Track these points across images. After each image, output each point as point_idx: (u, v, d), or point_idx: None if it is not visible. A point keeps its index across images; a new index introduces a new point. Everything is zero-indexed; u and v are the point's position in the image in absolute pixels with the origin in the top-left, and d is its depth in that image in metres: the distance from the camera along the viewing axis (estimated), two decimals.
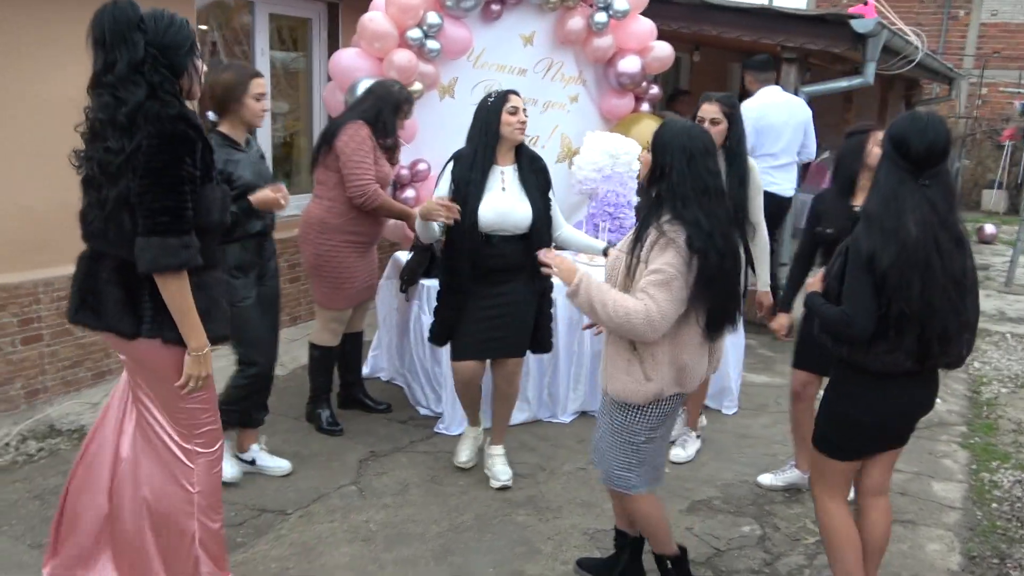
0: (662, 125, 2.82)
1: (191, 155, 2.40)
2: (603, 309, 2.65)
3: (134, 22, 2.37)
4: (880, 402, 2.72)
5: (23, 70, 4.24)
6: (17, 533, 3.36)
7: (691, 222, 2.63)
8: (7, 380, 4.34)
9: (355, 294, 4.31)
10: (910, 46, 7.45)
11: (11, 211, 4.30)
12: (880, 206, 2.57)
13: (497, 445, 4.01)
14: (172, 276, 2.42)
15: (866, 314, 2.56)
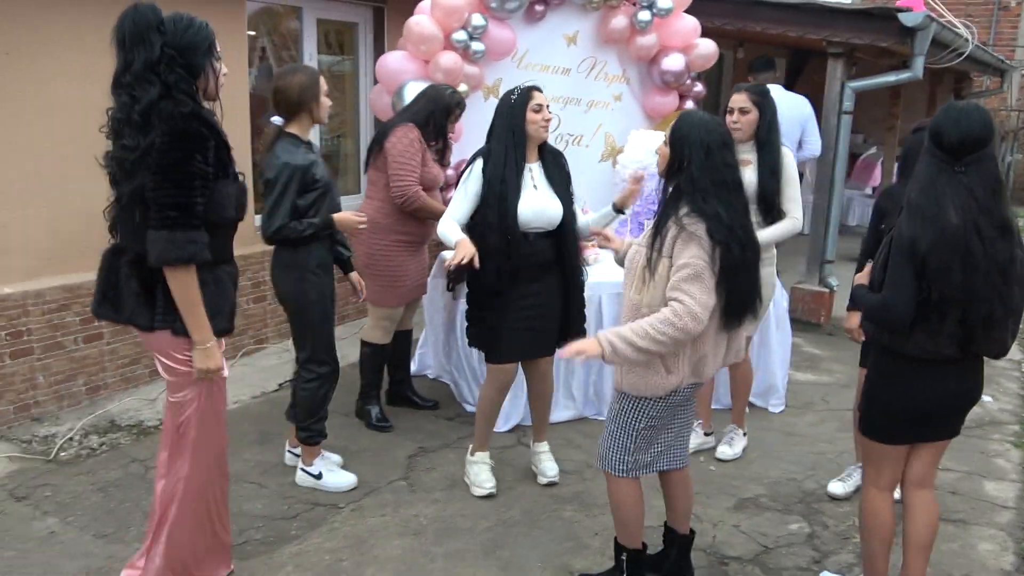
0: (680, 118, 2.83)
1: (202, 152, 2.48)
2: (648, 340, 2.61)
3: (153, 24, 2.48)
4: (920, 388, 2.74)
5: (91, 80, 4.39)
6: (82, 524, 3.48)
7: (711, 215, 2.65)
8: (70, 377, 4.51)
9: (406, 292, 4.39)
10: (959, 38, 7.32)
11: (75, 214, 4.45)
12: (919, 194, 2.61)
13: (542, 442, 4.03)
14: (179, 269, 2.52)
15: (905, 300, 2.59)
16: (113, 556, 3.25)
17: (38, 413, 4.39)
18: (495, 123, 3.67)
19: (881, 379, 2.83)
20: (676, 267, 2.65)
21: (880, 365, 2.83)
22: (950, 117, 2.62)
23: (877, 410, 2.84)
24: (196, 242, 2.51)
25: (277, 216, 3.46)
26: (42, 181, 4.30)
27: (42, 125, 4.26)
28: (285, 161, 3.45)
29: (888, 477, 2.92)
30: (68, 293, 4.42)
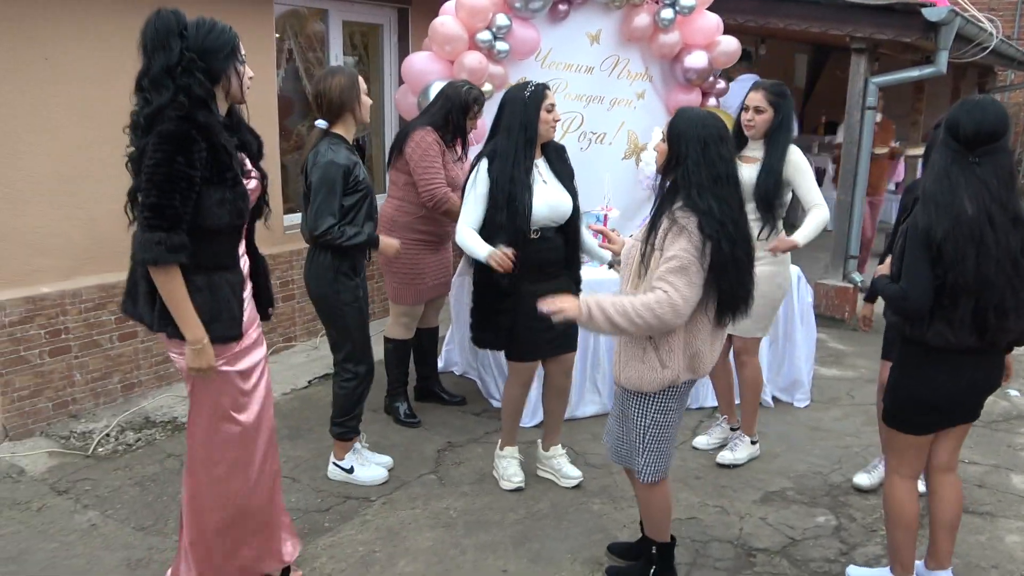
0: (677, 114, 2.86)
1: (186, 154, 2.45)
2: (625, 318, 2.65)
3: (175, 29, 2.50)
4: (942, 378, 2.78)
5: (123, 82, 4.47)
6: (122, 516, 3.57)
7: (704, 210, 2.67)
8: (106, 375, 4.61)
9: (426, 290, 4.44)
10: (984, 33, 7.28)
11: (110, 214, 4.54)
12: (934, 184, 2.68)
13: (557, 446, 4.00)
14: (157, 270, 2.51)
15: (922, 288, 2.65)
16: (153, 547, 3.34)
17: (76, 410, 4.49)
18: (504, 117, 3.60)
19: (905, 369, 2.87)
20: (664, 258, 2.69)
21: (903, 356, 2.88)
22: (965, 109, 2.69)
23: (902, 400, 2.88)
24: (163, 243, 2.45)
25: (325, 216, 3.46)
26: (77, 182, 4.40)
27: (76, 127, 4.36)
28: (330, 160, 3.46)
29: (912, 466, 2.96)
30: (104, 292, 4.52)
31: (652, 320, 2.64)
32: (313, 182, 3.49)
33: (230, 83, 2.62)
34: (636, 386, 2.83)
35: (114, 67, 4.45)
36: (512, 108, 3.57)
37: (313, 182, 3.49)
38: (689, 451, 4.33)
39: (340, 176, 3.47)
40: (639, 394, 2.87)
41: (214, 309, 2.62)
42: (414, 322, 4.54)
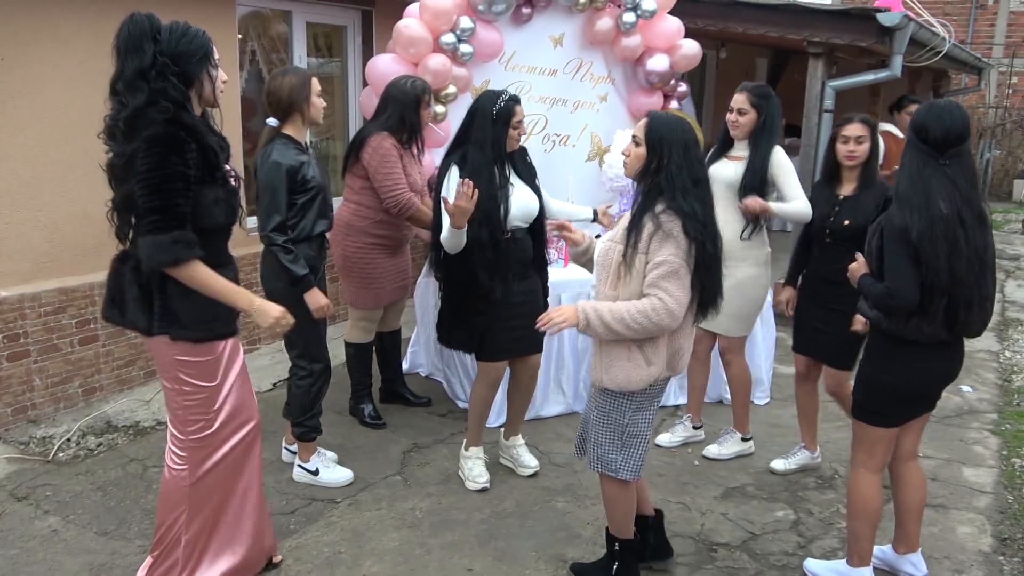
0: (653, 119, 2.86)
1: (179, 154, 2.50)
2: (622, 324, 2.72)
3: (148, 33, 2.53)
4: (919, 370, 2.91)
5: (85, 84, 4.45)
6: (83, 522, 3.54)
7: (688, 212, 2.74)
8: (66, 379, 4.56)
9: (384, 294, 4.44)
10: (937, 37, 7.46)
11: (70, 218, 4.51)
12: (909, 187, 2.78)
13: (517, 436, 4.11)
14: (179, 269, 2.56)
15: (909, 285, 2.75)
16: (116, 552, 3.32)
17: (35, 415, 4.44)
18: (472, 129, 3.63)
19: (881, 363, 2.95)
20: (653, 264, 2.74)
21: (878, 349, 2.97)
22: (933, 114, 2.81)
23: (878, 393, 2.98)
24: (179, 242, 2.52)
25: (271, 216, 3.52)
26: (37, 185, 4.36)
27: (37, 130, 4.32)
28: (276, 161, 3.51)
29: (880, 460, 3.07)
30: (64, 296, 4.47)
31: (649, 325, 2.71)
32: (259, 183, 3.55)
33: (203, 87, 2.64)
34: (622, 386, 2.85)
35: (76, 70, 4.42)
36: (482, 123, 3.60)
37: (259, 183, 3.55)
38: (651, 448, 4.39)
39: (284, 177, 3.51)
40: (621, 394, 2.89)
41: (216, 307, 2.68)
42: (373, 325, 4.54)
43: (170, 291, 2.63)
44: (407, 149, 4.29)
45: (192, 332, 2.67)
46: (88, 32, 4.44)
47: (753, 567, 3.36)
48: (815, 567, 3.30)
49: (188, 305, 2.64)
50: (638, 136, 2.86)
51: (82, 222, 4.56)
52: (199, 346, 2.70)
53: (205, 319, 2.68)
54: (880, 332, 2.94)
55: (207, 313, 2.67)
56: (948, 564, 3.41)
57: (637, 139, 2.86)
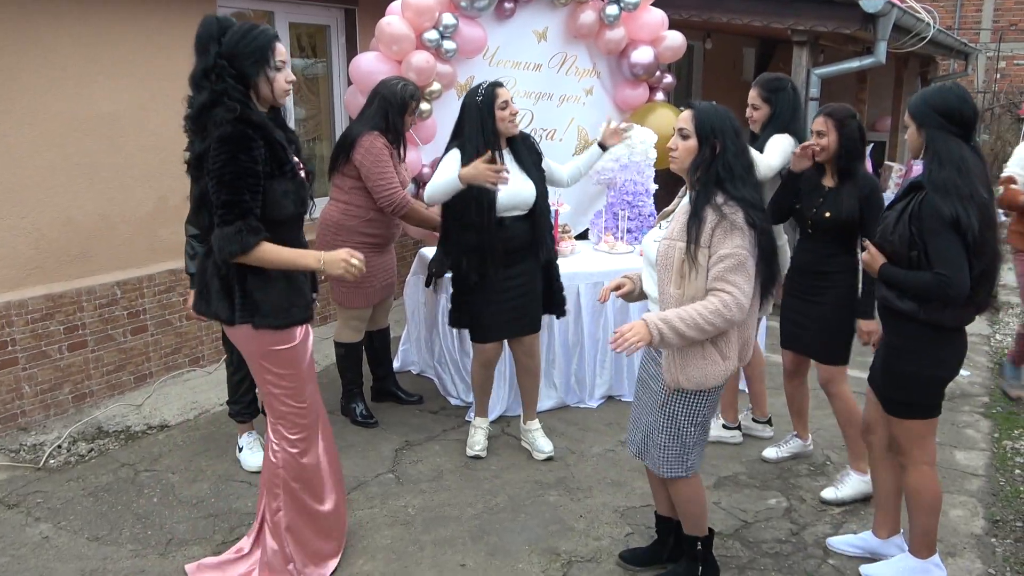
0: (701, 109, 2.79)
1: (246, 152, 2.62)
2: (697, 330, 2.64)
3: (215, 35, 2.66)
4: (956, 353, 2.93)
5: (66, 89, 4.43)
6: (75, 528, 3.53)
7: (748, 201, 2.69)
8: (56, 385, 4.54)
9: (373, 293, 4.43)
10: (921, 23, 7.47)
11: (55, 223, 4.49)
12: (955, 174, 2.72)
13: (533, 420, 4.22)
14: (248, 256, 2.67)
15: (964, 272, 2.72)
16: (108, 557, 3.31)
17: (25, 422, 4.42)
18: (463, 123, 3.78)
19: (932, 355, 2.89)
20: (718, 256, 2.66)
21: (923, 343, 2.88)
22: (958, 96, 2.81)
23: (934, 387, 2.94)
24: (243, 231, 2.63)
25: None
26: (20, 192, 4.34)
27: (18, 136, 4.30)
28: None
29: (933, 450, 3.05)
30: (51, 302, 4.45)
31: (722, 324, 2.65)
32: None
33: (261, 88, 2.73)
34: (700, 384, 2.76)
35: (57, 75, 4.40)
36: (469, 114, 3.76)
37: None
38: None
39: None
40: (697, 392, 2.81)
41: (292, 295, 2.83)
42: (363, 324, 4.53)
43: (250, 283, 2.75)
44: (395, 149, 4.29)
45: (272, 320, 2.79)
46: (69, 37, 4.42)
47: (746, 555, 3.36)
48: (878, 571, 3.19)
49: (267, 295, 2.77)
50: (686, 129, 2.77)
51: (67, 228, 4.54)
52: (280, 333, 2.82)
53: (283, 307, 2.81)
54: (915, 324, 2.85)
55: (284, 301, 2.81)
56: (941, 547, 3.41)
57: (685, 132, 2.78)
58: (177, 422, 4.58)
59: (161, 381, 5.06)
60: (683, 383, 2.77)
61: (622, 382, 4.95)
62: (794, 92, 4.01)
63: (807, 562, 3.31)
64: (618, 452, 4.26)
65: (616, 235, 5.26)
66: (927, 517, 3.06)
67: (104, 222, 4.70)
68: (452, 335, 4.77)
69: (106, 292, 4.70)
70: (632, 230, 5.30)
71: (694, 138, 2.76)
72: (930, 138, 2.81)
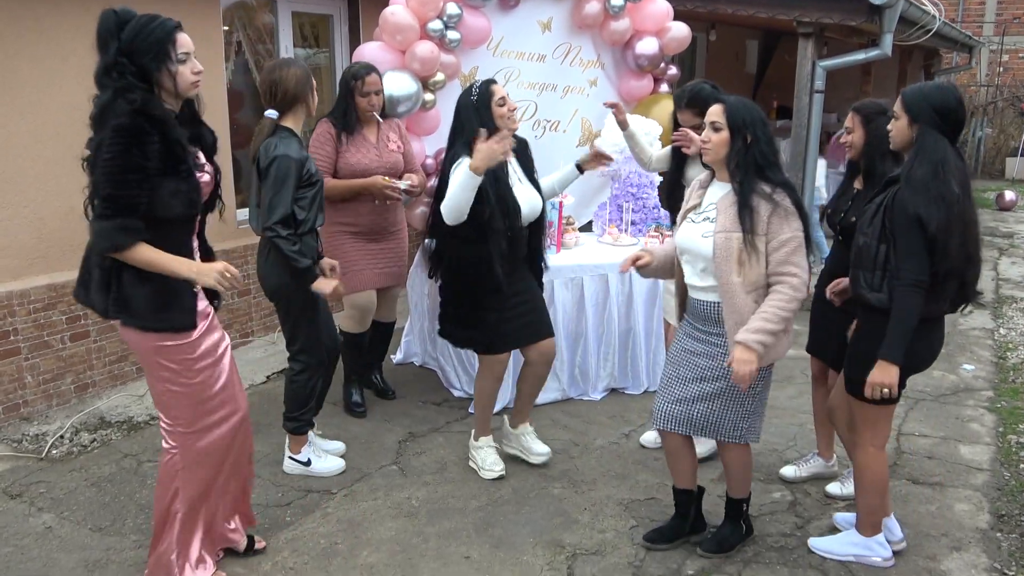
0: (731, 103, 2.95)
1: (140, 146, 2.51)
2: (783, 323, 2.87)
3: (113, 30, 2.56)
4: (927, 343, 2.97)
5: (68, 80, 4.40)
6: (78, 518, 3.52)
7: (789, 185, 2.94)
8: (58, 375, 4.53)
9: (364, 279, 4.38)
10: (927, 15, 7.44)
11: (57, 213, 4.47)
12: (930, 173, 2.76)
13: (525, 424, 4.07)
14: (123, 254, 2.58)
15: (924, 269, 2.76)
16: (111, 548, 3.30)
17: (27, 412, 4.41)
18: (460, 124, 3.65)
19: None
20: (779, 241, 2.86)
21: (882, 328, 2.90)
22: (954, 96, 2.85)
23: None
24: (123, 229, 2.54)
25: (278, 209, 3.40)
26: (23, 182, 4.32)
27: (21, 126, 4.27)
28: (284, 153, 3.41)
29: (886, 435, 3.14)
30: (53, 292, 4.44)
31: (797, 306, 2.88)
32: (267, 175, 3.44)
33: (165, 82, 2.62)
34: (774, 358, 2.98)
35: (58, 65, 4.37)
36: (467, 115, 3.63)
37: (267, 175, 3.44)
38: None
39: (294, 170, 3.43)
40: (768, 367, 3.02)
41: (166, 298, 2.70)
42: (362, 315, 4.46)
43: (124, 278, 2.66)
44: (352, 134, 4.22)
45: (141, 321, 2.69)
46: (70, 26, 4.40)
47: (751, 548, 3.35)
48: (825, 544, 3.31)
49: (139, 293, 2.66)
50: (718, 122, 2.92)
51: (69, 217, 4.52)
52: (150, 334, 2.71)
53: (155, 309, 2.68)
54: (880, 311, 2.89)
55: (157, 303, 2.68)
56: (946, 541, 3.41)
57: (717, 124, 2.93)
58: None
59: None
60: (765, 360, 2.94)
61: (626, 374, 4.94)
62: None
63: (811, 556, 3.31)
64: (622, 445, 4.25)
65: (620, 227, 5.24)
66: (871, 497, 3.18)
67: None
68: None
69: None
70: (636, 222, 5.28)
71: (726, 130, 2.91)
72: (921, 134, 2.83)
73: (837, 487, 3.77)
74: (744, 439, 3.13)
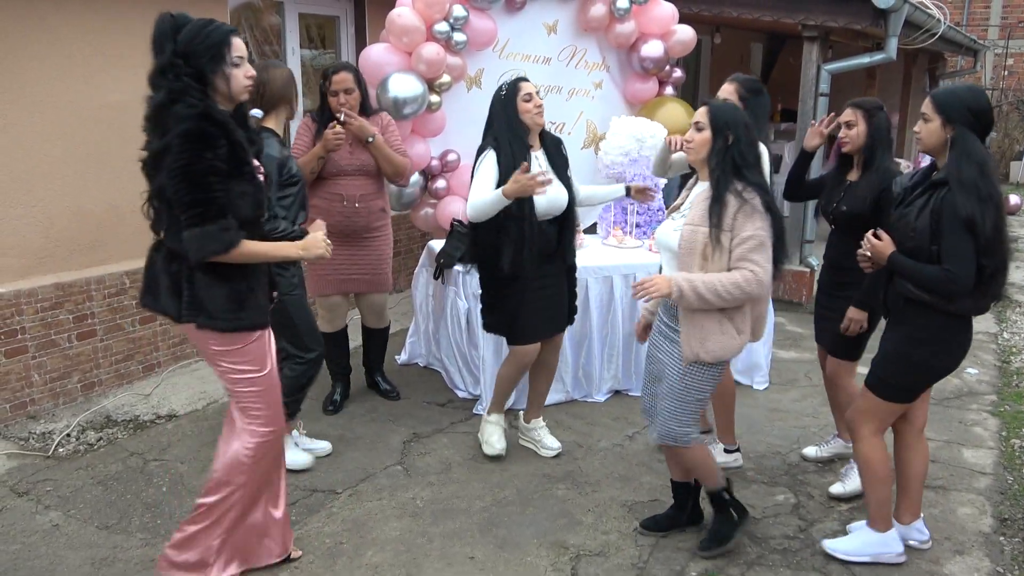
0: (714, 105, 3.05)
1: (212, 150, 2.56)
2: (714, 294, 2.87)
3: (169, 33, 2.61)
4: (961, 343, 2.99)
5: (74, 79, 4.43)
6: (85, 516, 3.54)
7: (763, 187, 2.97)
8: (65, 374, 4.55)
9: (331, 284, 4.41)
10: (932, 19, 7.44)
11: (65, 213, 4.50)
12: (977, 173, 2.79)
13: (538, 419, 4.18)
14: (230, 255, 2.63)
15: (970, 272, 2.79)
16: (118, 546, 3.32)
17: (34, 411, 4.44)
18: (491, 120, 3.81)
19: (924, 341, 2.96)
20: (740, 238, 2.89)
21: (923, 327, 2.96)
22: (986, 99, 2.92)
23: (923, 374, 3.03)
24: (228, 229, 2.60)
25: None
26: (30, 181, 4.34)
27: (27, 125, 4.30)
28: (266, 152, 3.41)
29: (886, 426, 3.18)
30: (60, 291, 4.46)
31: (740, 295, 2.88)
32: None
33: (220, 85, 2.67)
34: (719, 356, 2.99)
35: (64, 64, 4.40)
36: (495, 111, 3.81)
37: None
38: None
39: (275, 169, 3.51)
40: (712, 365, 3.03)
41: (242, 298, 2.75)
42: (331, 315, 4.48)
43: (197, 281, 2.69)
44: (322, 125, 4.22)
45: (217, 322, 2.73)
46: (76, 25, 4.42)
47: (755, 551, 3.37)
48: (842, 546, 3.30)
49: (215, 294, 2.71)
50: (701, 122, 3.00)
51: (77, 217, 4.55)
52: (227, 335, 2.76)
53: (232, 309, 2.74)
54: (938, 313, 2.91)
55: (233, 303, 2.73)
56: (949, 545, 3.42)
57: (700, 124, 3.01)
58: (185, 412, 4.59)
59: (169, 371, 5.07)
60: (703, 356, 2.99)
61: (629, 376, 4.95)
62: (768, 99, 3.94)
63: (815, 558, 3.31)
64: (625, 446, 4.26)
65: (625, 229, 5.26)
66: (880, 488, 3.21)
67: (113, 212, 4.71)
68: (460, 328, 4.78)
69: (115, 281, 4.70)
70: (641, 224, 5.29)
71: (709, 130, 2.99)
72: (960, 135, 2.85)
73: (840, 487, 3.80)
74: (685, 445, 3.13)
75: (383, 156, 4.28)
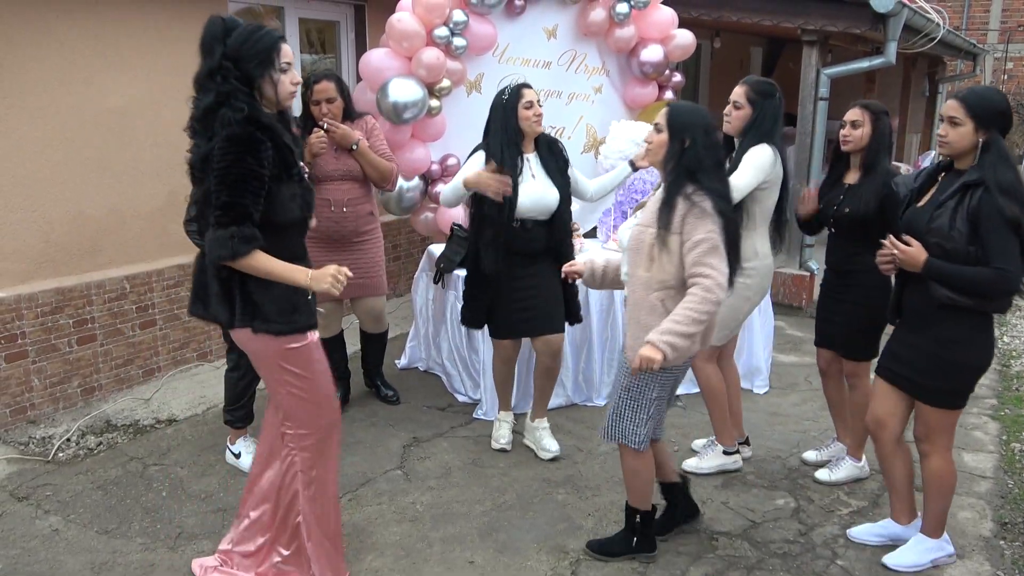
0: (673, 108, 3.02)
1: (254, 154, 2.57)
2: (695, 324, 2.79)
3: (219, 36, 2.62)
4: (992, 339, 3.06)
5: (75, 83, 4.44)
6: (84, 521, 3.54)
7: (717, 192, 2.89)
8: (65, 379, 4.55)
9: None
10: (931, 23, 7.46)
11: (66, 217, 4.50)
12: (1014, 176, 2.85)
13: (542, 419, 4.21)
14: (239, 262, 2.61)
15: (1020, 269, 2.84)
16: (117, 551, 3.32)
17: (34, 415, 4.44)
18: (490, 122, 3.88)
19: (966, 341, 2.97)
20: (693, 242, 2.84)
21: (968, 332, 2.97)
22: (1006, 100, 2.95)
23: (974, 375, 3.05)
24: (236, 236, 2.57)
25: None
26: (31, 186, 4.34)
27: (29, 130, 4.30)
28: None
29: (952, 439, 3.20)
30: (61, 296, 4.46)
31: (711, 307, 2.82)
32: None
33: (266, 90, 2.68)
34: (671, 360, 2.88)
35: (67, 69, 4.40)
36: (494, 114, 3.89)
37: None
38: None
39: None
40: (660, 370, 2.93)
41: (294, 299, 2.75)
42: (324, 320, 4.32)
43: (250, 285, 2.69)
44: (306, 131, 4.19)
45: (273, 325, 2.72)
46: (80, 31, 4.43)
47: (754, 555, 3.36)
48: (903, 560, 3.28)
49: (268, 298, 2.70)
50: (660, 123, 2.98)
51: (77, 222, 4.55)
52: (281, 339, 2.75)
53: (285, 312, 2.73)
54: (973, 315, 2.93)
55: (286, 306, 2.73)
56: None
57: (659, 126, 2.98)
58: (185, 416, 4.59)
59: (169, 375, 5.08)
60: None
61: None
62: (780, 102, 3.77)
63: (816, 563, 3.31)
64: None
65: None
66: (945, 500, 3.22)
67: (114, 216, 4.71)
68: (460, 332, 4.78)
69: (115, 286, 4.71)
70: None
71: (666, 132, 2.96)
72: (993, 139, 2.89)
73: (826, 473, 3.96)
74: (632, 444, 3.08)
75: (368, 162, 4.27)
